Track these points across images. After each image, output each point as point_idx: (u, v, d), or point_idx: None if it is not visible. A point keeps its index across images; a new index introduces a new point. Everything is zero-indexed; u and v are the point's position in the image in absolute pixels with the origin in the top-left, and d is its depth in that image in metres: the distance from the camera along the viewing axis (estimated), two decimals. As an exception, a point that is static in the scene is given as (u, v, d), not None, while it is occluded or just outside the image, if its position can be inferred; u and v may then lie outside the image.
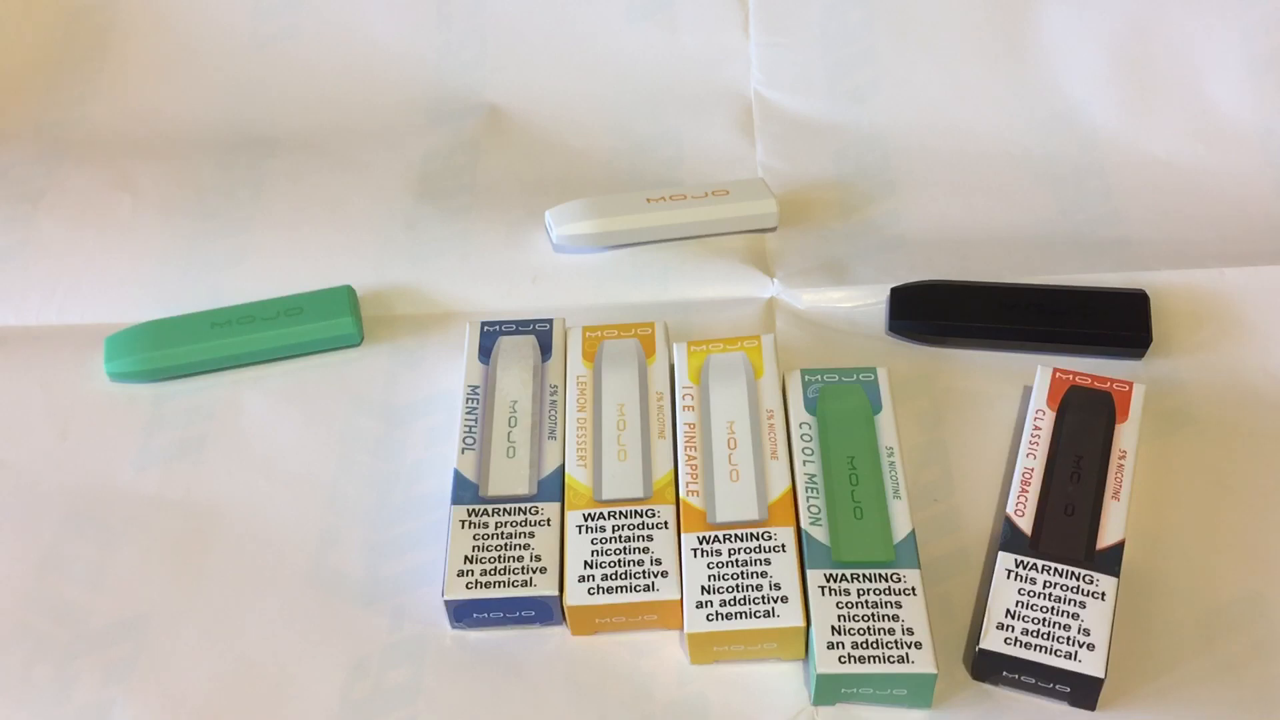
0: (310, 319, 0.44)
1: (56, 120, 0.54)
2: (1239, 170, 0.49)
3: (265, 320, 0.44)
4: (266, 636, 0.37)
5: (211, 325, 0.44)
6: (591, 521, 0.37)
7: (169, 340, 0.43)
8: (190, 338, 0.43)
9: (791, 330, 0.45)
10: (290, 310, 0.44)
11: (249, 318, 0.44)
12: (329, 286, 0.45)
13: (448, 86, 0.55)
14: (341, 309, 0.44)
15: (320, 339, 0.44)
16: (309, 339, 0.44)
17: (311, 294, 0.45)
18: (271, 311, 0.44)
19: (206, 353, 0.43)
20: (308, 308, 0.44)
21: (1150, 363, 0.43)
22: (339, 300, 0.44)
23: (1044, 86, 0.52)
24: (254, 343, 0.44)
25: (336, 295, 0.45)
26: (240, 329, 0.44)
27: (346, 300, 0.44)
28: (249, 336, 0.43)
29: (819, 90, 0.53)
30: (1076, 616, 0.34)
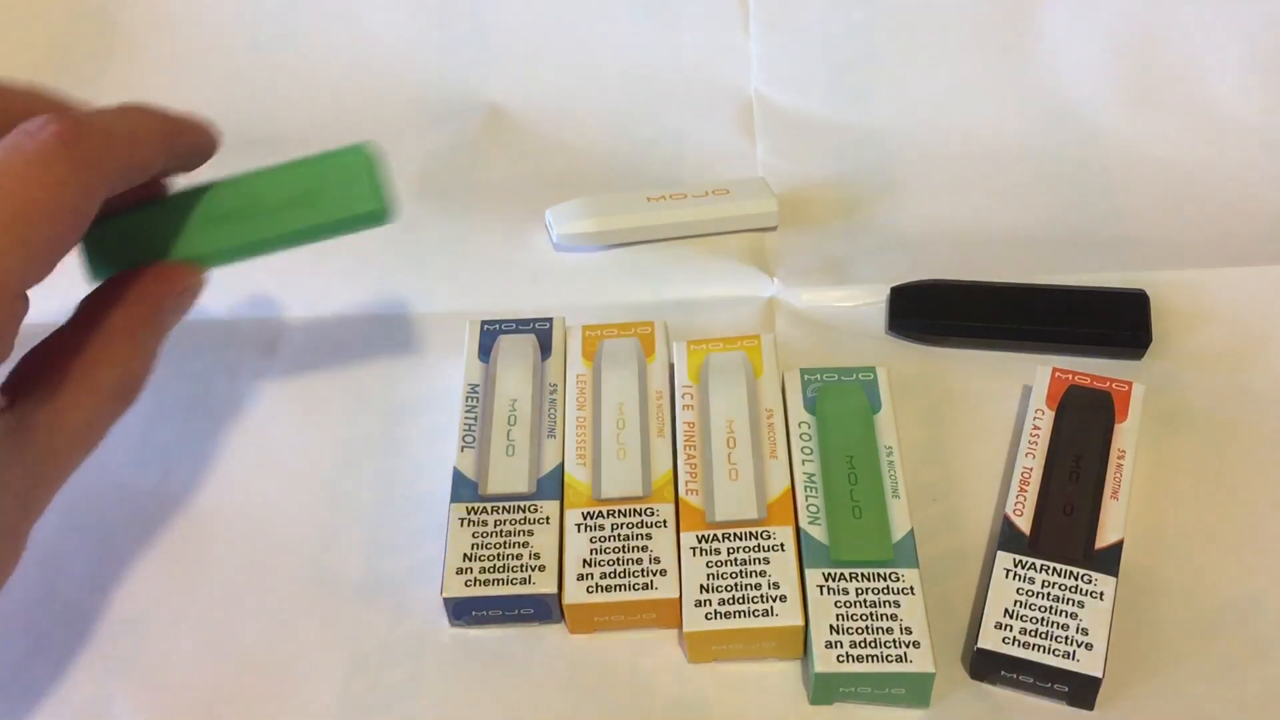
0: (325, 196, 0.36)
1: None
2: (1240, 170, 0.49)
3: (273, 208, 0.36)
4: (265, 633, 0.37)
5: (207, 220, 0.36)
6: (590, 520, 0.37)
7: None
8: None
9: (791, 330, 0.45)
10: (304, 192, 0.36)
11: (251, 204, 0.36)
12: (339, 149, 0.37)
13: (448, 86, 0.55)
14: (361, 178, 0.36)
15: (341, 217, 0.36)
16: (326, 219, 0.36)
17: (321, 160, 0.36)
18: (280, 194, 0.36)
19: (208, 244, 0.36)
20: (319, 184, 0.36)
21: (1150, 363, 0.43)
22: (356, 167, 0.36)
23: (1044, 86, 0.52)
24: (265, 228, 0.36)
25: (353, 161, 0.37)
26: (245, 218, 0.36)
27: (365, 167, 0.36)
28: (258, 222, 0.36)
29: (820, 89, 0.53)
30: (1075, 616, 0.34)
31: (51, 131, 0.30)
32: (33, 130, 0.31)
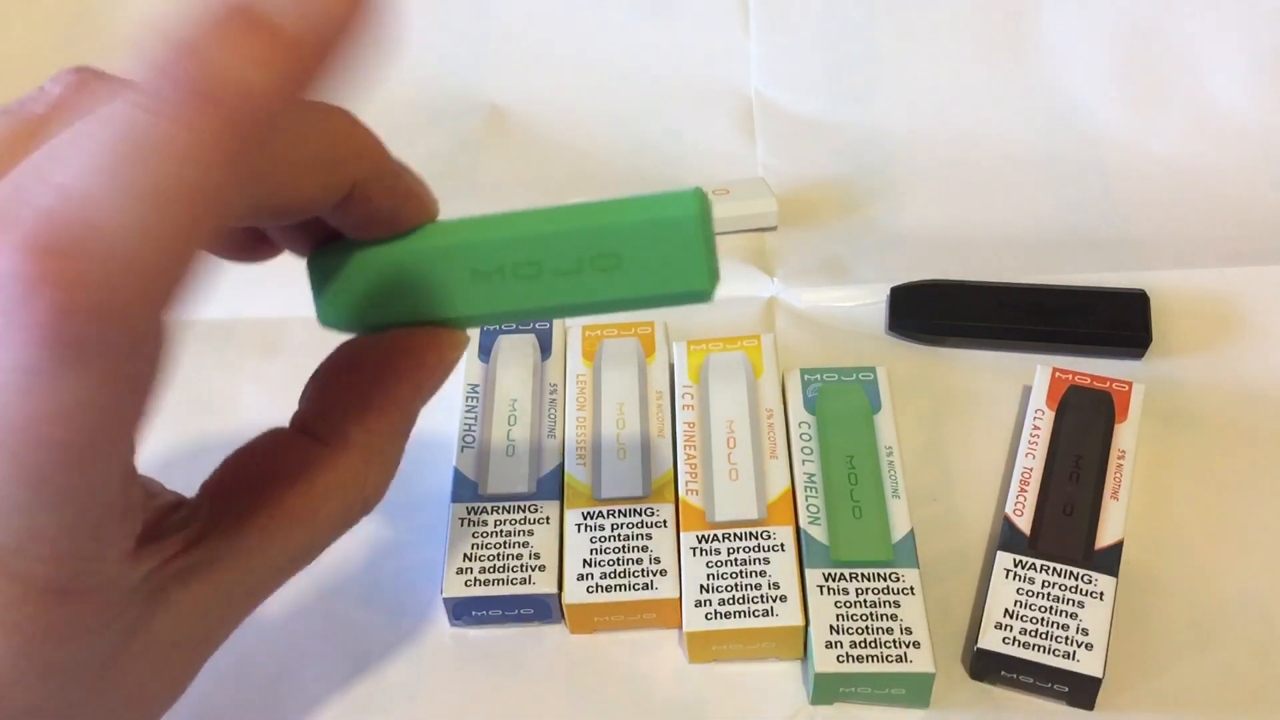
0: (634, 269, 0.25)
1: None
2: (1240, 169, 0.49)
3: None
4: (265, 634, 0.37)
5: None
6: (590, 520, 0.37)
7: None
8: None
9: (791, 330, 0.45)
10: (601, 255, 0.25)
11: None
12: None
13: (448, 86, 0.55)
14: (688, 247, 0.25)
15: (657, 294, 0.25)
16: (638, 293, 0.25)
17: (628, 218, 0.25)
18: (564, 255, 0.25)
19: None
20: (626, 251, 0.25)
21: (1150, 363, 0.43)
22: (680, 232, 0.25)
23: (1044, 86, 0.52)
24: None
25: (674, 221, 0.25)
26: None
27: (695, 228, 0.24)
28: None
29: (820, 89, 0.53)
30: (1075, 616, 0.34)
31: (35, 324, 0.19)
32: (10, 313, 0.19)
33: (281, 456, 0.27)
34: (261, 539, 0.26)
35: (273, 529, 0.26)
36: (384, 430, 0.27)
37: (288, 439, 0.27)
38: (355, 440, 0.27)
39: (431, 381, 0.27)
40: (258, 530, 0.26)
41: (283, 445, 0.27)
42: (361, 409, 0.27)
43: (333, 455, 0.27)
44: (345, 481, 0.27)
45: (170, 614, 0.25)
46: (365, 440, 0.27)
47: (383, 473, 0.28)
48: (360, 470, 0.27)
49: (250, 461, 0.27)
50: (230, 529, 0.26)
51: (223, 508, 0.26)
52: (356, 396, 0.27)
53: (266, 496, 0.26)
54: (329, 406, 0.27)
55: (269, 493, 0.26)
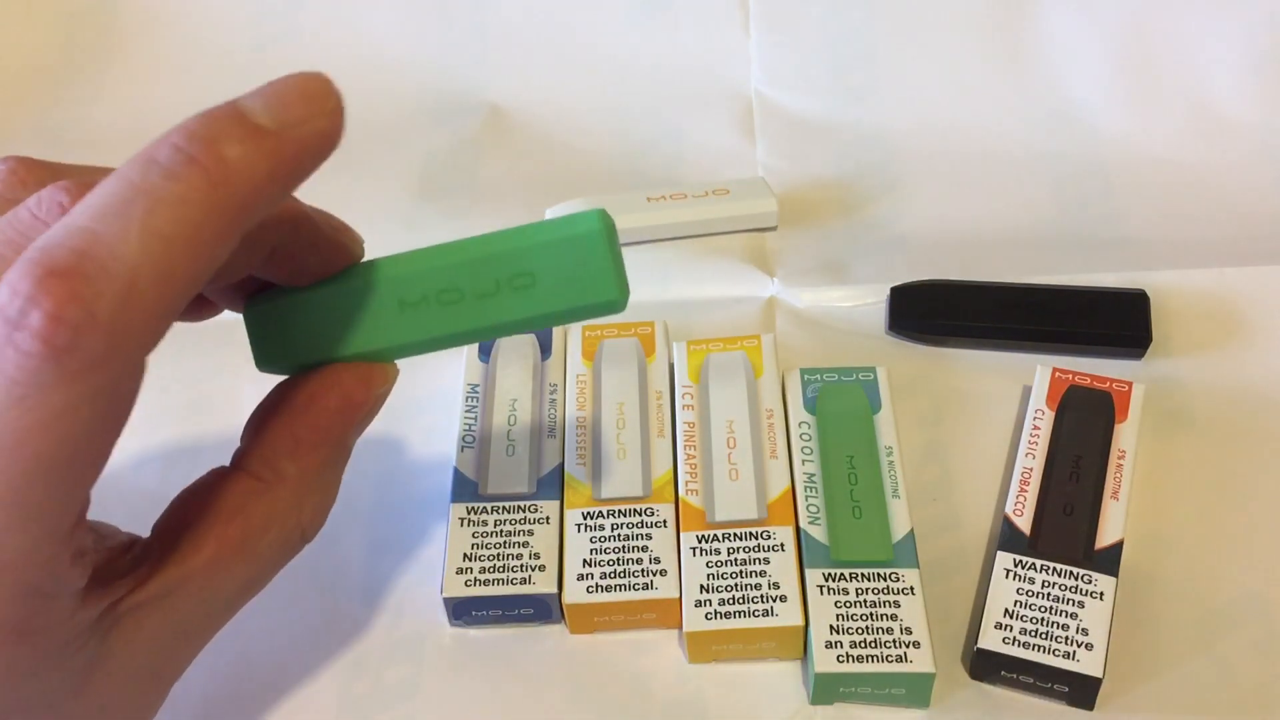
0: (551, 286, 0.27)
1: (58, 122, 0.54)
2: (1240, 169, 0.49)
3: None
4: (265, 633, 0.37)
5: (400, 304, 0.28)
6: (590, 520, 0.37)
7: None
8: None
9: (791, 330, 0.45)
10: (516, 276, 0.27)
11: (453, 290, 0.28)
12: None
13: (448, 86, 0.55)
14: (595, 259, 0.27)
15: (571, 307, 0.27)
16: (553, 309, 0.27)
17: (540, 238, 0.27)
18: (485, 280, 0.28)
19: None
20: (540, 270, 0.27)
21: (1150, 363, 0.43)
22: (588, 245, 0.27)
23: (1044, 85, 0.52)
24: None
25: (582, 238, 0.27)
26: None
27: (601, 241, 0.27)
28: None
29: (820, 89, 0.53)
30: (1075, 616, 0.34)
31: (35, 333, 0.21)
32: (14, 321, 0.21)
33: (223, 494, 0.28)
34: (208, 573, 0.28)
35: (217, 563, 0.28)
36: (316, 465, 0.29)
37: (229, 477, 0.29)
38: (289, 475, 0.29)
39: (360, 416, 0.29)
40: (204, 565, 0.28)
41: (224, 483, 0.29)
42: (294, 446, 0.29)
43: (269, 491, 0.28)
44: (282, 515, 0.29)
45: (126, 649, 0.27)
46: (299, 475, 0.29)
47: (319, 505, 0.30)
48: (296, 504, 0.29)
49: (195, 500, 0.28)
50: (179, 565, 0.27)
51: (171, 545, 0.28)
52: (289, 434, 0.29)
53: (211, 532, 0.28)
54: (265, 445, 0.29)
55: (213, 529, 0.28)
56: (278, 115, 0.24)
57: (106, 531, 0.28)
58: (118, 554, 0.28)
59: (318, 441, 0.29)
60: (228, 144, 0.23)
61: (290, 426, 0.29)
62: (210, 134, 0.23)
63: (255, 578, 0.29)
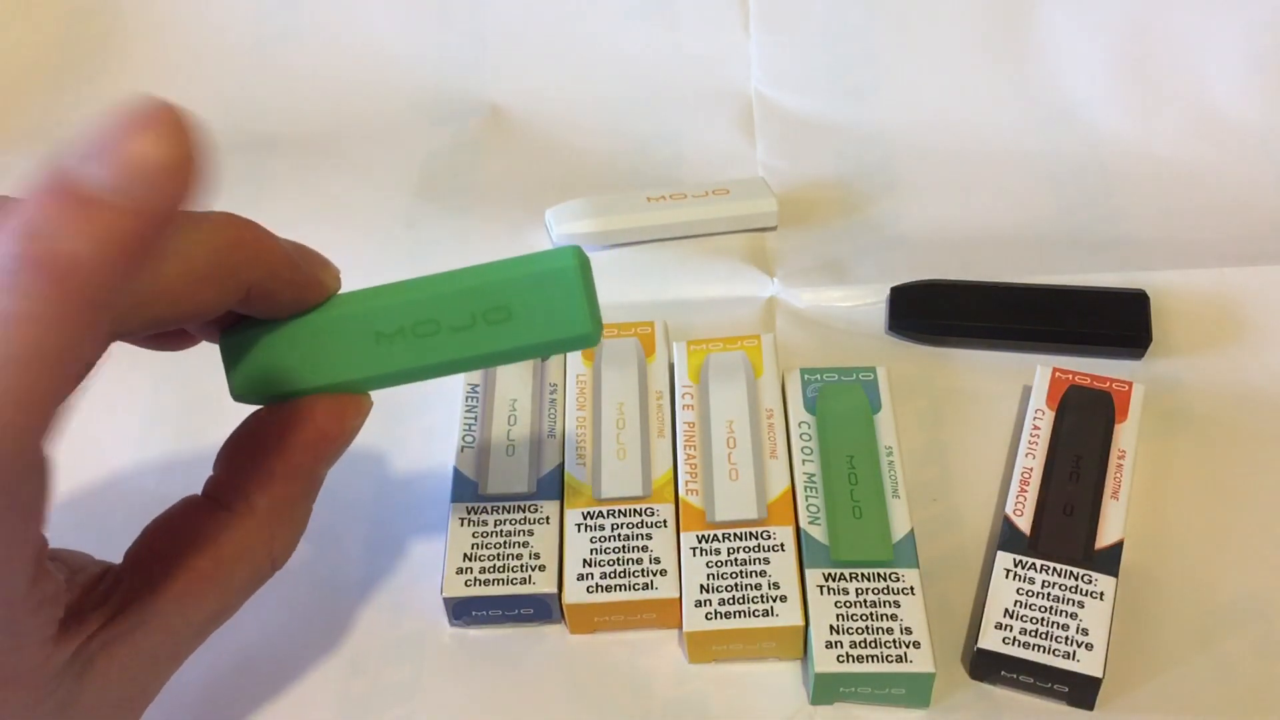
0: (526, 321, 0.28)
1: (58, 120, 0.54)
2: (1240, 169, 0.49)
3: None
4: (265, 633, 0.37)
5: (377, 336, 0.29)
6: (590, 520, 0.37)
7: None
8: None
9: (791, 330, 0.45)
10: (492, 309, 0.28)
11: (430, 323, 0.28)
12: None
13: (448, 86, 0.55)
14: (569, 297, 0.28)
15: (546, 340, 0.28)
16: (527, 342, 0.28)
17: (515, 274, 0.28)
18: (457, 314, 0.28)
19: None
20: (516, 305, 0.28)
21: (1150, 363, 0.43)
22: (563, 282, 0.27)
23: (1045, 86, 0.52)
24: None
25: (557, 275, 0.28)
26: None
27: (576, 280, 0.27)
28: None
29: (820, 89, 0.53)
30: (1075, 616, 0.34)
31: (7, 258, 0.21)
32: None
33: (194, 524, 0.29)
34: (179, 604, 0.28)
35: (188, 594, 0.28)
36: (287, 497, 0.29)
37: (200, 507, 0.29)
38: (260, 507, 0.29)
39: (333, 449, 0.29)
40: (175, 596, 0.28)
41: (195, 513, 0.29)
42: (265, 477, 0.29)
43: (240, 522, 0.29)
44: (252, 546, 0.29)
45: (99, 683, 0.27)
46: (269, 507, 0.29)
47: (288, 536, 0.30)
48: (266, 536, 0.29)
49: (167, 529, 0.29)
50: (150, 596, 0.28)
51: (143, 574, 0.28)
52: (261, 465, 0.29)
53: (181, 563, 0.28)
54: (236, 475, 0.29)
55: (184, 560, 0.28)
56: (116, 176, 0.21)
57: (78, 565, 0.29)
58: (90, 587, 0.28)
59: (290, 475, 0.29)
60: (67, 238, 0.21)
61: (263, 459, 0.29)
62: (47, 228, 0.21)
63: (225, 607, 0.30)
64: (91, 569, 0.29)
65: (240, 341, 0.29)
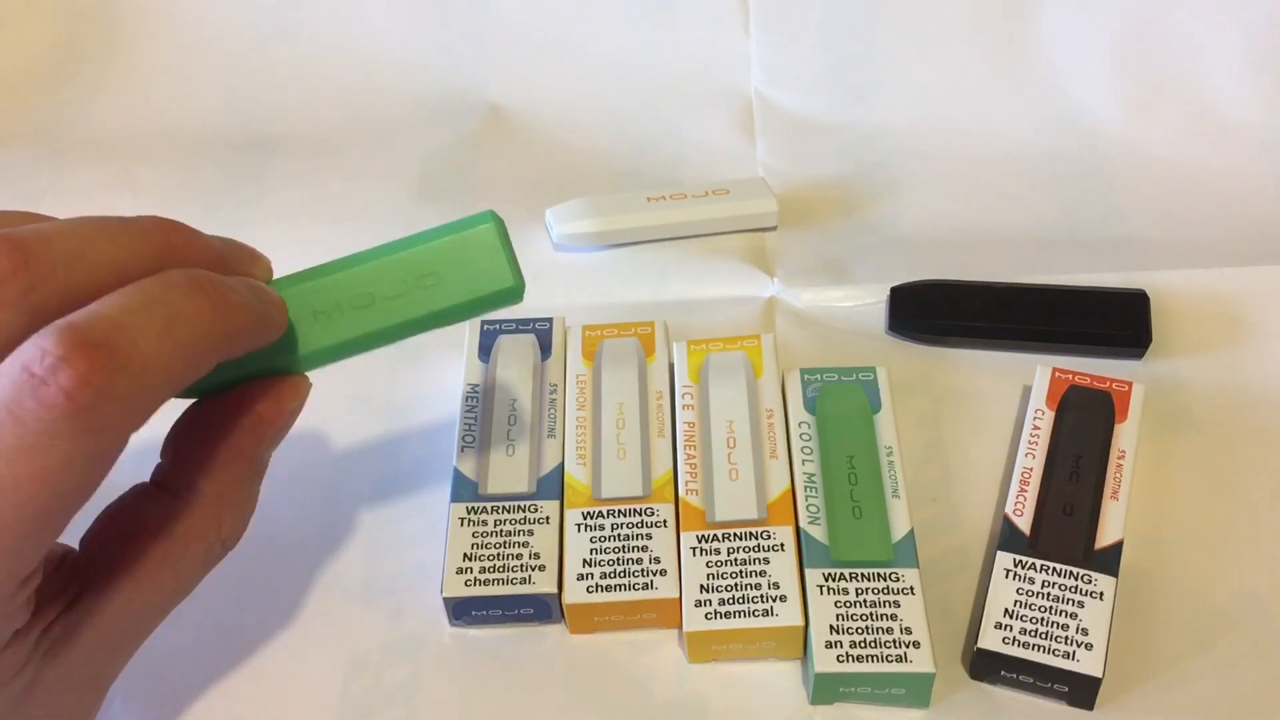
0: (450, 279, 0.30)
1: (58, 120, 0.54)
2: (1240, 169, 0.49)
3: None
4: (265, 633, 0.37)
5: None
6: (590, 520, 0.37)
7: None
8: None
9: (791, 330, 0.45)
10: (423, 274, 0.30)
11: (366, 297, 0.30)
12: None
13: (448, 86, 0.55)
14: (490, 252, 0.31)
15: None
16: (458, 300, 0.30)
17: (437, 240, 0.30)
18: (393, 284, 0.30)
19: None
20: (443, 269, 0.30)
21: (1150, 363, 0.43)
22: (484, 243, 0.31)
23: (1045, 86, 0.52)
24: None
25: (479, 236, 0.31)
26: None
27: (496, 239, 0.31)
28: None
29: (820, 89, 0.53)
30: (1075, 616, 0.34)
31: (60, 388, 0.23)
32: (40, 376, 0.23)
33: (145, 511, 0.30)
34: (134, 588, 0.29)
35: (142, 577, 0.29)
36: (231, 480, 0.30)
37: (149, 494, 0.30)
38: (206, 492, 0.30)
39: (273, 431, 0.30)
40: (129, 580, 0.29)
41: (145, 501, 0.30)
42: (209, 463, 0.30)
43: (187, 508, 0.30)
44: (202, 530, 0.30)
45: (60, 666, 0.28)
46: (215, 491, 0.30)
47: (236, 518, 0.31)
48: (213, 518, 0.30)
49: (119, 517, 0.30)
50: (107, 582, 0.29)
51: (99, 561, 0.29)
52: (205, 451, 0.30)
53: (135, 549, 0.29)
54: (181, 463, 0.30)
55: (136, 545, 0.29)
56: (258, 296, 0.28)
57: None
58: (49, 573, 0.29)
59: (232, 459, 0.30)
60: (230, 292, 0.27)
61: (205, 445, 0.30)
62: (216, 281, 0.27)
63: (179, 589, 0.31)
64: (52, 552, 0.29)
65: None
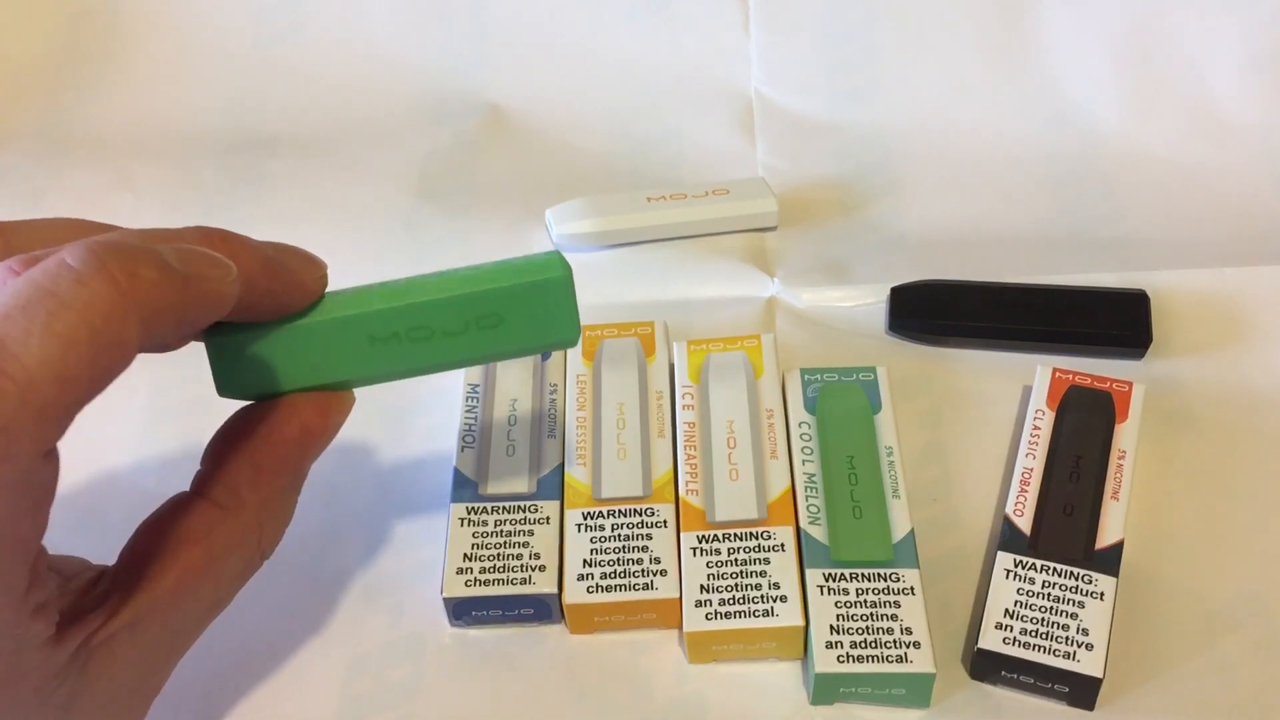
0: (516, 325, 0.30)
1: (58, 120, 0.54)
2: (1240, 169, 0.49)
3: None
4: (265, 633, 0.37)
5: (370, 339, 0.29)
6: (591, 520, 0.37)
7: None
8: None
9: (791, 330, 0.45)
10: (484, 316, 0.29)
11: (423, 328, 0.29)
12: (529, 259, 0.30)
13: (448, 86, 0.55)
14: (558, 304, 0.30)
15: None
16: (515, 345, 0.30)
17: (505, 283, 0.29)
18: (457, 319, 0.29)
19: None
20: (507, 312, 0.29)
21: (1150, 363, 0.43)
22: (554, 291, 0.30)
23: (1045, 86, 0.52)
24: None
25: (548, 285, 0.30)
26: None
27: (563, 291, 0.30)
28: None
29: (820, 89, 0.53)
30: (1075, 616, 0.34)
31: (87, 255, 0.24)
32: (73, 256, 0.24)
33: (185, 522, 0.29)
34: (175, 598, 0.29)
35: (182, 588, 0.29)
36: (273, 492, 0.30)
37: (189, 503, 0.30)
38: (247, 502, 0.29)
39: (317, 445, 0.30)
40: (170, 591, 0.29)
41: (185, 510, 0.29)
42: (252, 473, 0.29)
43: (229, 516, 0.29)
44: (242, 540, 0.30)
45: (103, 677, 0.28)
46: (256, 501, 0.30)
47: (275, 529, 0.31)
48: (255, 528, 0.30)
49: (159, 528, 0.29)
50: (146, 593, 0.28)
51: (138, 572, 0.29)
52: (249, 462, 0.29)
53: (175, 559, 0.29)
54: (225, 472, 0.29)
55: (176, 556, 0.29)
56: (188, 264, 0.25)
57: (72, 571, 0.29)
58: (85, 590, 0.29)
59: (277, 470, 0.30)
60: (142, 265, 0.24)
61: (250, 455, 0.29)
62: (126, 252, 0.24)
63: (219, 599, 0.31)
64: (86, 574, 0.29)
65: (228, 341, 0.29)
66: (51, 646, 0.26)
